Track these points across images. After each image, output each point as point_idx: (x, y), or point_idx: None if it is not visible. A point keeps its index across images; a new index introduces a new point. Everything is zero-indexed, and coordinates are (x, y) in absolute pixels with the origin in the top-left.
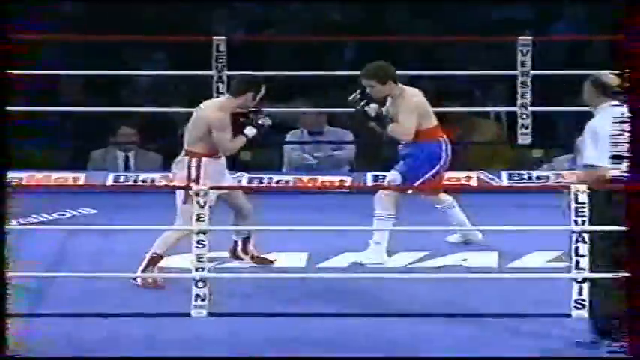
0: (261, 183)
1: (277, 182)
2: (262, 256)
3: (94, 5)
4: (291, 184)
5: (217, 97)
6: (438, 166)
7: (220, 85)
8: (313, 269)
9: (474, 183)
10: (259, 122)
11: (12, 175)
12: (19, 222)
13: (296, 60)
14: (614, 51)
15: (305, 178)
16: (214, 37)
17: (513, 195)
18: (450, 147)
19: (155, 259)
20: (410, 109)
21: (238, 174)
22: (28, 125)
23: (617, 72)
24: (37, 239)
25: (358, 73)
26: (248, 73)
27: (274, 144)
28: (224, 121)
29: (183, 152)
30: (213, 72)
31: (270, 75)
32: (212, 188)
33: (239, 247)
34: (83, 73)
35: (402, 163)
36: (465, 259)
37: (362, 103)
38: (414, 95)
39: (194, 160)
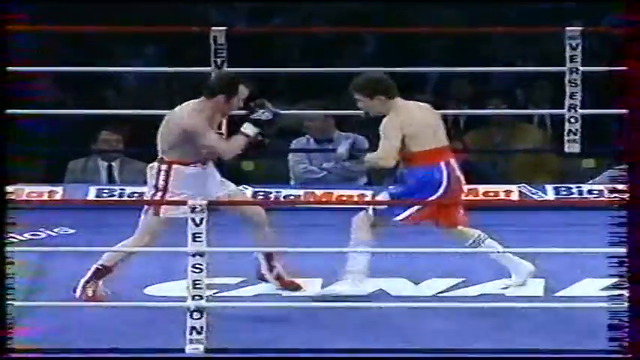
0: (268, 197)
1: (286, 197)
2: (289, 279)
3: None
4: (302, 198)
5: None
6: (438, 194)
7: None
8: (330, 297)
9: (514, 197)
10: (254, 116)
11: None
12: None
13: (306, 55)
14: None
15: (318, 192)
16: (212, 28)
17: (561, 212)
18: (454, 171)
19: (100, 272)
20: (389, 130)
21: (241, 187)
22: None
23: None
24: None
25: (381, 69)
26: (227, 70)
27: (279, 152)
28: (200, 125)
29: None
30: (211, 68)
31: (275, 72)
32: (211, 204)
33: (263, 267)
34: (61, 69)
35: (398, 185)
36: (505, 287)
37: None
38: (405, 113)
39: (163, 167)
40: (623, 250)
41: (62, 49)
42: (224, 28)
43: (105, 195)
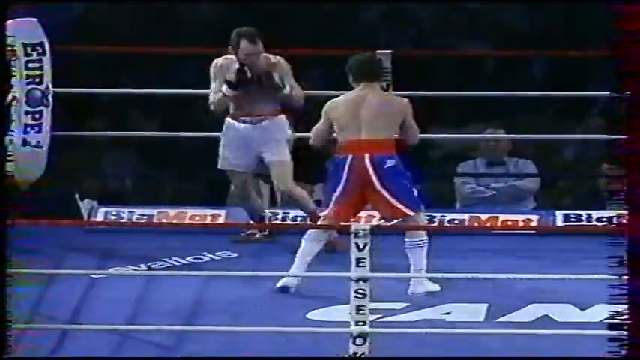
0: (433, 222)
1: (450, 221)
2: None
3: (234, 13)
4: (466, 223)
5: None
6: (340, 187)
7: None
8: (493, 324)
9: None
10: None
11: (141, 212)
12: (149, 266)
13: (471, 77)
14: None
15: (483, 217)
16: (378, 51)
17: None
18: (362, 167)
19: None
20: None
21: None
22: (157, 153)
23: None
24: (170, 286)
25: (549, 93)
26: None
27: (445, 176)
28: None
29: None
30: None
31: (440, 95)
32: (375, 228)
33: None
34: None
35: None
36: (448, 312)
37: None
38: (342, 99)
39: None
40: None
41: None
42: (390, 51)
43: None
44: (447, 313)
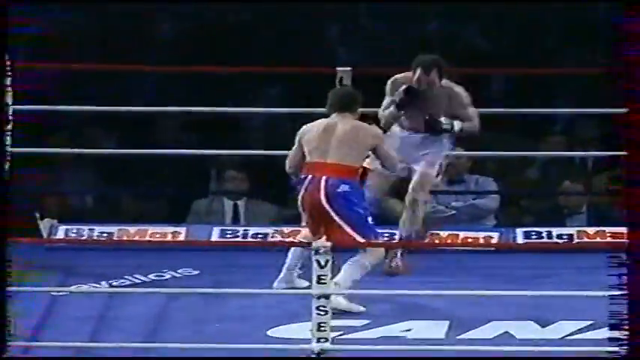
0: (393, 239)
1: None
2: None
3: (195, 30)
4: (426, 240)
5: None
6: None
7: None
8: (455, 341)
9: None
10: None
11: (101, 229)
12: (110, 284)
13: None
14: None
15: (444, 234)
16: (338, 69)
17: None
18: (315, 188)
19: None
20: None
21: None
22: (117, 170)
23: None
24: (131, 304)
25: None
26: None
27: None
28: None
29: None
30: None
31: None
32: (334, 246)
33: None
34: (189, 109)
35: None
36: (409, 330)
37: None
38: (312, 124)
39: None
40: None
41: (184, 90)
42: (350, 68)
43: (229, 235)
44: (408, 330)
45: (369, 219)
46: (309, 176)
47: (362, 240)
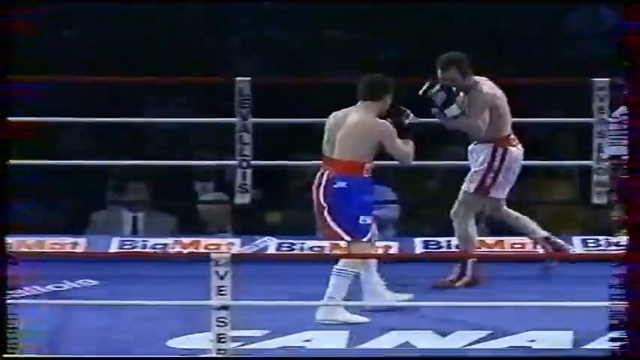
0: (292, 249)
1: (311, 248)
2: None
3: (100, 42)
4: (327, 250)
5: (241, 148)
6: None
7: (245, 134)
8: (355, 351)
9: (541, 250)
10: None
11: None
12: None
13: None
14: None
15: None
16: (238, 79)
17: (587, 264)
18: (320, 183)
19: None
20: None
21: (265, 238)
22: (18, 181)
23: None
24: (30, 315)
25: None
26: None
27: (307, 203)
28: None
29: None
30: (237, 119)
31: (306, 123)
32: (235, 257)
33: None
34: (87, 120)
35: None
36: (533, 340)
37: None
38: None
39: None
40: None
41: (86, 100)
42: (249, 78)
43: (127, 246)
44: (308, 341)
45: (366, 219)
46: (320, 171)
47: (348, 238)
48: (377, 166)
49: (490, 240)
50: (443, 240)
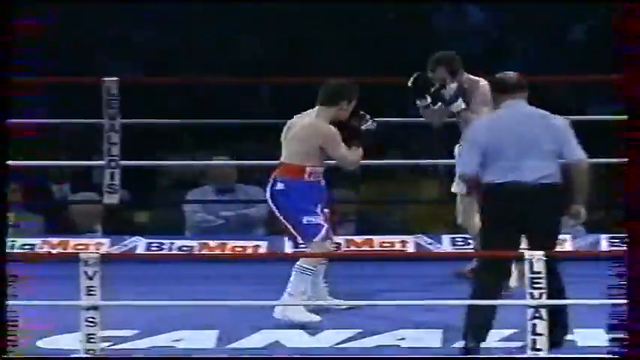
0: (161, 249)
1: (180, 248)
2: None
3: None
4: (196, 250)
5: (109, 148)
6: None
7: (112, 134)
8: (224, 350)
9: (410, 248)
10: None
11: None
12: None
13: (205, 105)
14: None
15: (213, 244)
16: (104, 79)
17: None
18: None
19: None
20: None
21: (134, 238)
22: None
23: None
24: None
25: (276, 121)
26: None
27: (175, 203)
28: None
29: None
30: (104, 120)
31: (171, 123)
32: (104, 257)
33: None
34: None
35: None
36: (179, 340)
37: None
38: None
39: None
40: None
41: None
42: (116, 78)
43: None
44: (178, 340)
45: (310, 219)
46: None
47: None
48: (244, 166)
49: (358, 239)
50: None
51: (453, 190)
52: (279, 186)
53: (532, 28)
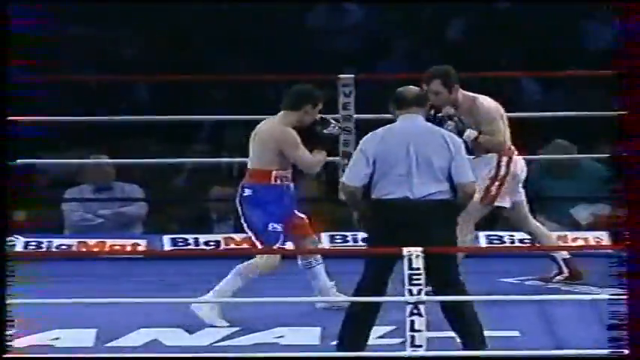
0: (40, 248)
1: (58, 247)
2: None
3: None
4: (74, 248)
5: None
6: None
7: None
8: (103, 349)
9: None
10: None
11: None
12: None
13: (80, 102)
14: None
15: (91, 242)
16: None
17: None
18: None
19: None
20: None
21: (12, 237)
22: None
23: None
24: None
25: (154, 117)
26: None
27: (53, 201)
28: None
29: None
30: None
31: (51, 120)
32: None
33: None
34: None
35: None
36: (281, 336)
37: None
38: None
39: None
40: None
41: None
42: None
43: None
44: (57, 339)
45: (275, 226)
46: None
47: (260, 246)
48: (121, 164)
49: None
50: (190, 237)
51: None
52: (247, 192)
53: (413, 25)
